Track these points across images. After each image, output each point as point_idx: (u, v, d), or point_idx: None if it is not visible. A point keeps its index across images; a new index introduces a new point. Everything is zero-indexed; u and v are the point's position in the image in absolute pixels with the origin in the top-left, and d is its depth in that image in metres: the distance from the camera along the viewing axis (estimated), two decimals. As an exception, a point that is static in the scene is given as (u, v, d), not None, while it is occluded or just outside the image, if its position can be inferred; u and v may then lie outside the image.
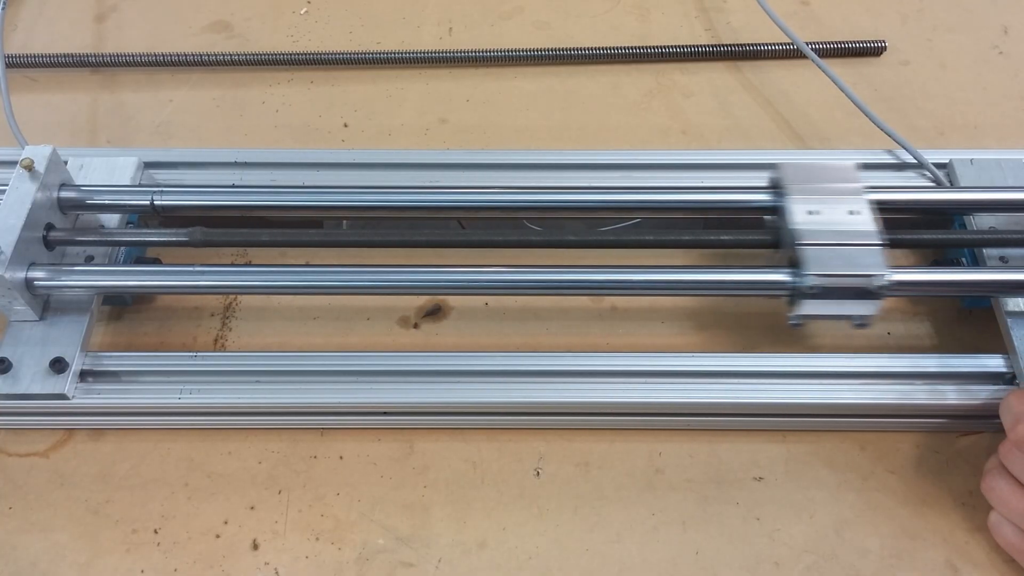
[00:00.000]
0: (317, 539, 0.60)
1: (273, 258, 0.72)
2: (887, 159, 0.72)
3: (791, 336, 0.67)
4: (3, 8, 0.86)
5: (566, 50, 0.86)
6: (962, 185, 0.69)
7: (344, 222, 0.77)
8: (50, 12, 0.91)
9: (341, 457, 0.63)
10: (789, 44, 0.85)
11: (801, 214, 0.60)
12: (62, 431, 0.64)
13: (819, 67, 0.79)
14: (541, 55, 0.85)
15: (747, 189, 0.65)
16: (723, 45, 0.86)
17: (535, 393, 0.61)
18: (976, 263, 0.66)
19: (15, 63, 0.84)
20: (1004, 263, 0.65)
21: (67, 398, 0.60)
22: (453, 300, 0.70)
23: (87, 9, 0.92)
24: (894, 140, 0.73)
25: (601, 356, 0.63)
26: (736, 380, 0.61)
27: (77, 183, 0.67)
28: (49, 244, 0.64)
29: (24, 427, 0.64)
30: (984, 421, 0.63)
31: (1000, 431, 0.56)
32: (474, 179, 0.71)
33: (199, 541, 0.59)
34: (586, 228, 0.72)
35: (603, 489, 0.61)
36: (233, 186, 0.70)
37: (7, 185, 0.62)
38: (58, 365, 0.60)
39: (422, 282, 0.62)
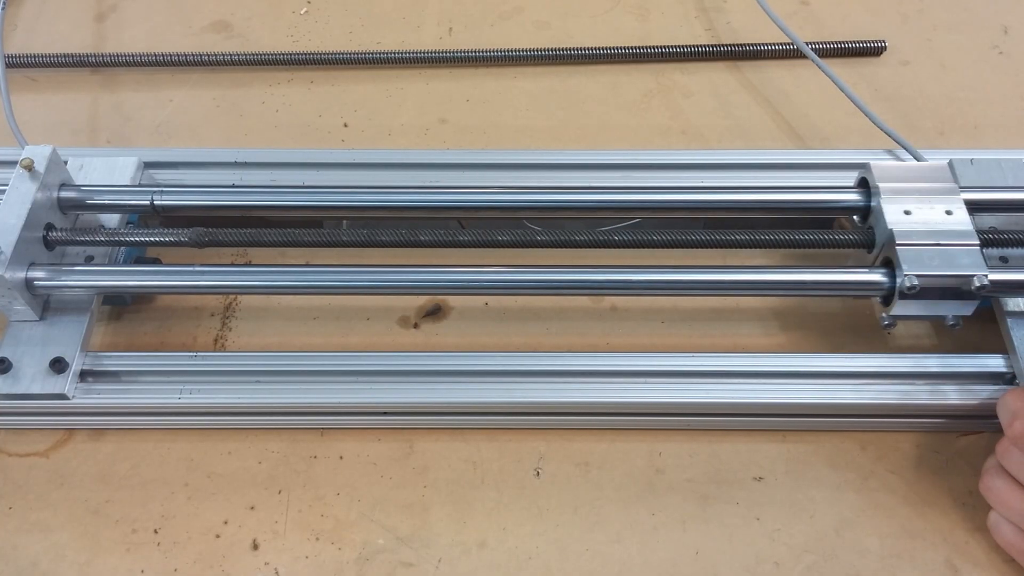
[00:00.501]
0: (317, 539, 0.60)
1: (273, 258, 0.72)
2: (886, 159, 0.72)
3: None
4: (3, 8, 0.86)
5: (566, 50, 0.86)
6: (962, 185, 0.68)
7: (344, 222, 0.77)
8: (50, 12, 0.92)
9: (341, 457, 0.63)
10: (789, 44, 0.85)
11: (896, 214, 0.60)
12: (62, 431, 0.64)
13: (819, 67, 0.79)
14: (541, 55, 0.85)
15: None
16: (723, 45, 0.86)
17: (535, 393, 0.61)
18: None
19: (15, 63, 0.84)
20: (1005, 263, 0.65)
21: (67, 398, 0.60)
22: (453, 300, 0.70)
23: (87, 9, 0.92)
24: (894, 140, 0.73)
25: (601, 356, 0.63)
26: (736, 380, 0.61)
27: (77, 183, 0.67)
28: (49, 244, 0.64)
29: (24, 427, 0.64)
30: (984, 421, 0.62)
31: (999, 431, 0.56)
32: (474, 179, 0.71)
33: (199, 541, 0.59)
34: (586, 228, 0.72)
35: (603, 489, 0.61)
36: (233, 186, 0.70)
37: (7, 185, 0.62)
38: (58, 365, 0.60)
39: (422, 282, 0.62)
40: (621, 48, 0.86)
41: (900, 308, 0.59)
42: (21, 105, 0.77)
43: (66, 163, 0.67)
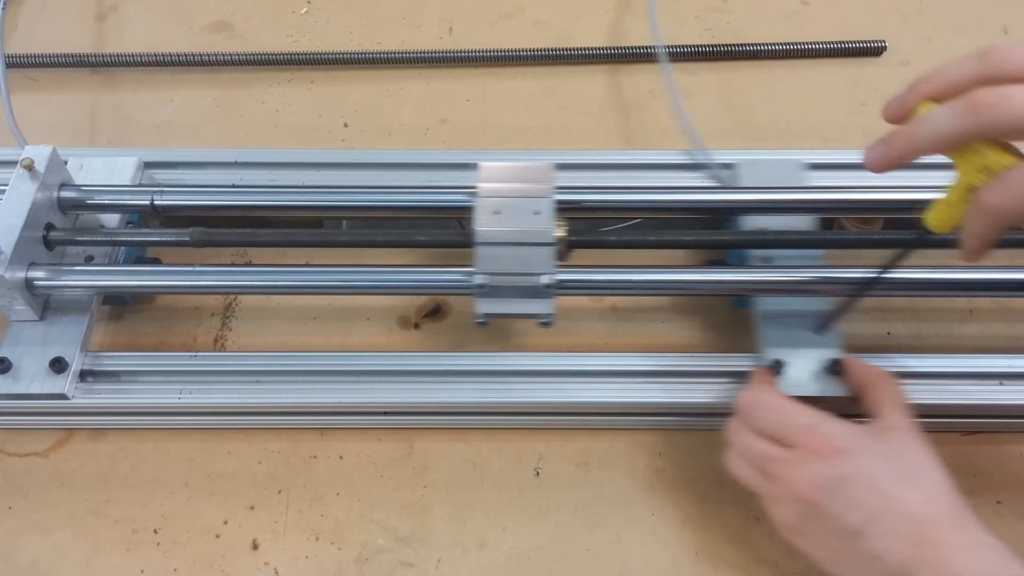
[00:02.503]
0: (317, 539, 0.59)
1: (273, 258, 0.72)
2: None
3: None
4: (3, 8, 0.86)
5: (566, 50, 0.86)
6: (741, 186, 0.69)
7: (344, 222, 0.77)
8: (50, 12, 0.91)
9: (341, 457, 0.63)
10: (789, 44, 0.85)
11: (486, 214, 0.60)
12: (62, 431, 0.64)
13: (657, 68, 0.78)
14: (541, 55, 0.85)
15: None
16: (723, 45, 0.86)
17: (535, 393, 0.61)
18: (744, 263, 0.66)
19: (15, 63, 0.84)
20: (768, 263, 0.65)
21: (67, 398, 0.60)
22: (453, 300, 0.70)
23: (87, 9, 0.92)
24: (692, 139, 0.72)
25: (601, 356, 0.63)
26: (736, 380, 0.61)
27: (77, 183, 0.67)
28: (49, 244, 0.64)
29: (24, 427, 0.64)
30: (984, 421, 0.63)
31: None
32: (474, 179, 0.71)
33: (199, 541, 0.59)
34: (587, 228, 0.72)
35: (603, 489, 0.61)
36: (233, 186, 0.70)
37: (7, 185, 0.62)
38: (58, 365, 0.60)
39: (422, 282, 0.62)
40: (621, 48, 0.86)
41: (484, 306, 0.59)
42: (21, 105, 0.77)
43: (66, 163, 0.67)
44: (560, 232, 0.60)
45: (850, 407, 0.58)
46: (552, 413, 0.63)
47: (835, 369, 0.59)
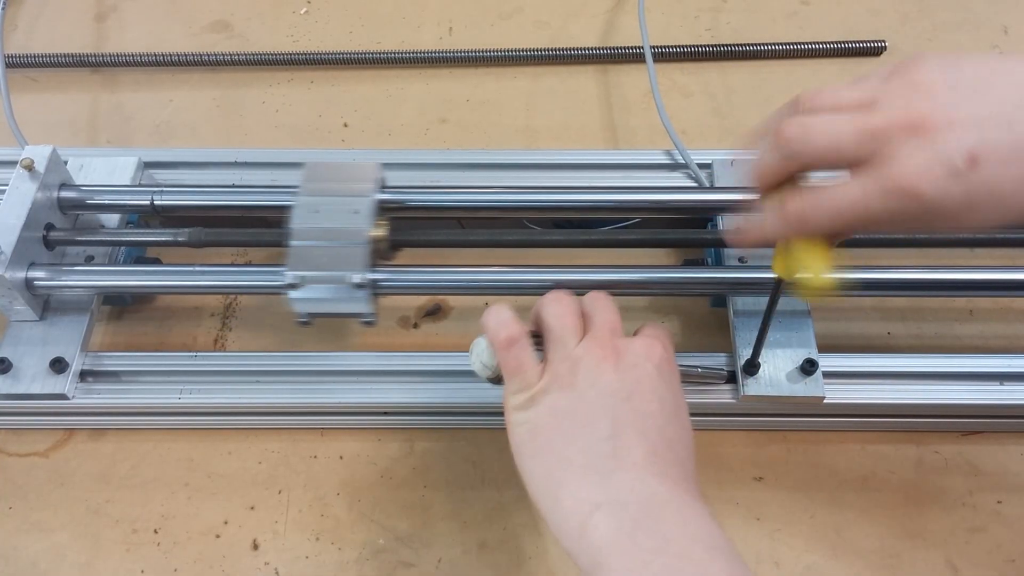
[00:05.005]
0: (317, 539, 0.60)
1: (273, 258, 0.72)
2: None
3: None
4: (3, 8, 0.86)
5: (566, 50, 0.86)
6: (718, 186, 0.69)
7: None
8: (50, 12, 0.91)
9: (341, 457, 0.63)
10: (789, 44, 0.85)
11: (304, 213, 0.60)
12: (62, 431, 0.64)
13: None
14: (541, 55, 0.85)
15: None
16: (723, 45, 0.86)
17: (535, 393, 0.61)
18: (720, 262, 0.66)
19: (15, 63, 0.84)
20: (743, 263, 0.65)
21: (67, 398, 0.60)
22: (453, 300, 0.70)
23: (87, 9, 0.92)
24: (672, 141, 0.72)
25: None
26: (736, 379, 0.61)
27: (77, 183, 0.67)
28: (49, 244, 0.64)
29: (24, 427, 0.64)
30: (984, 421, 0.63)
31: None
32: (474, 179, 0.71)
33: (199, 541, 0.59)
34: (585, 228, 0.72)
35: (603, 489, 0.61)
36: (233, 186, 0.70)
37: (7, 185, 0.62)
38: (58, 365, 0.60)
39: (422, 282, 0.62)
40: (621, 48, 0.86)
41: (299, 304, 0.59)
42: (21, 105, 0.77)
43: (66, 163, 0.67)
44: (378, 232, 0.59)
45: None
46: (552, 413, 0.63)
47: None
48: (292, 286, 0.58)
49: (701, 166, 0.71)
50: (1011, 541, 0.59)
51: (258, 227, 0.67)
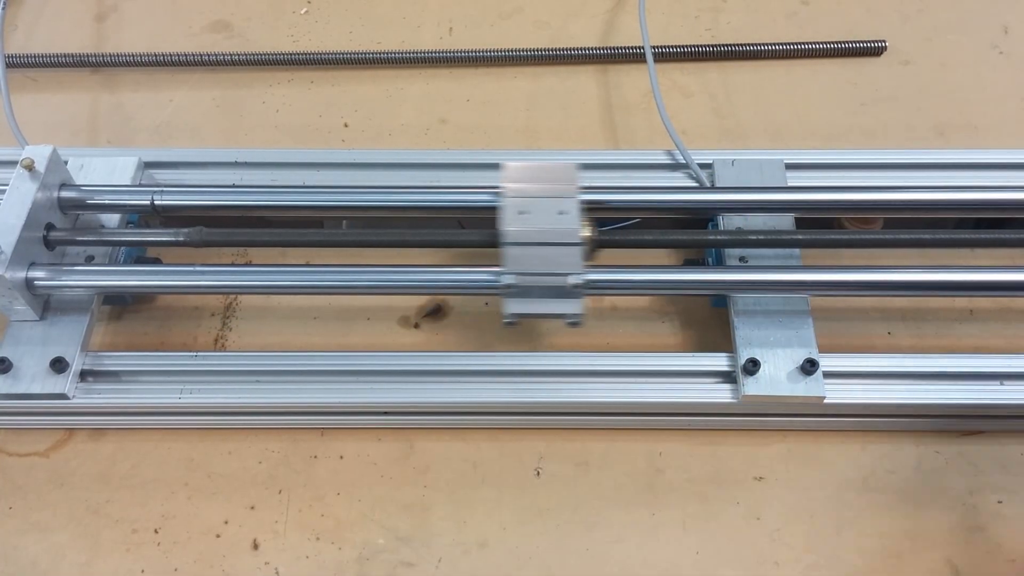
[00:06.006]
0: (317, 539, 0.60)
1: (273, 258, 0.72)
2: (885, 158, 0.72)
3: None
4: (3, 8, 0.86)
5: (566, 50, 0.86)
6: (719, 186, 0.69)
7: (344, 222, 0.77)
8: (50, 12, 0.91)
9: (341, 457, 0.63)
10: (789, 44, 0.85)
11: (512, 215, 0.60)
12: (62, 431, 0.64)
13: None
14: (541, 55, 0.85)
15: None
16: (723, 45, 0.86)
17: (535, 393, 0.61)
18: (721, 262, 0.66)
19: (15, 63, 0.84)
20: (744, 263, 0.65)
21: (67, 398, 0.60)
22: (453, 300, 0.70)
23: (87, 9, 0.92)
24: (673, 141, 0.72)
25: (601, 356, 0.63)
26: (734, 380, 0.61)
27: (77, 183, 0.67)
28: (49, 244, 0.64)
29: (24, 427, 0.64)
30: (984, 421, 0.63)
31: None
32: (474, 179, 0.71)
33: (199, 541, 0.59)
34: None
35: (603, 489, 0.61)
36: (233, 186, 0.70)
37: (7, 185, 0.62)
38: (58, 365, 0.60)
39: (422, 282, 0.62)
40: (621, 48, 0.86)
41: (513, 306, 0.59)
42: (21, 105, 0.77)
43: (66, 163, 0.67)
44: (587, 232, 0.59)
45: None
46: (552, 413, 0.63)
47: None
48: (509, 288, 0.58)
49: (702, 166, 0.71)
50: (1011, 541, 0.59)
51: (258, 227, 0.67)
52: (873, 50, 0.86)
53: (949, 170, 0.70)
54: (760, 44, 0.86)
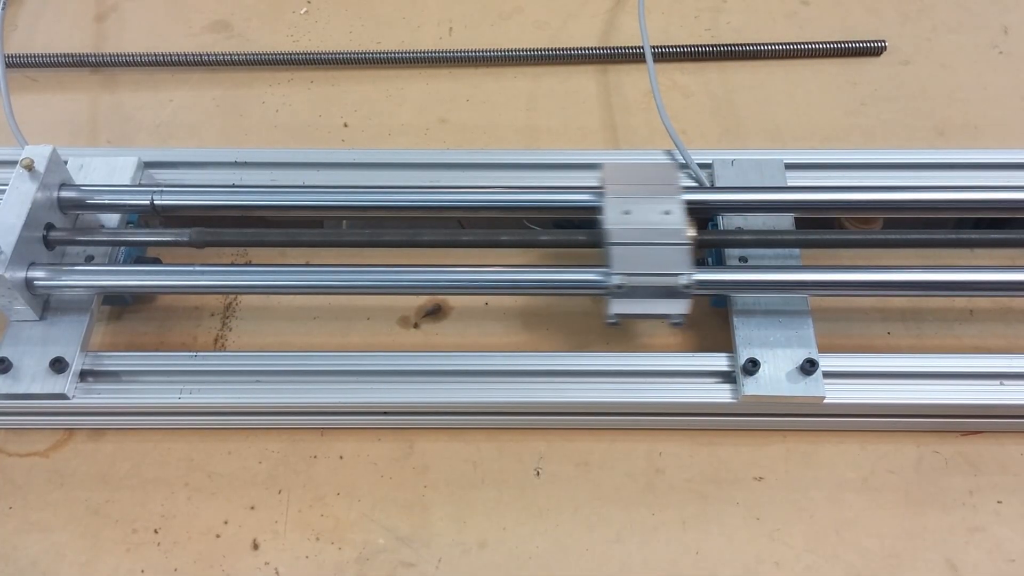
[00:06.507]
0: (317, 539, 0.60)
1: (273, 258, 0.72)
2: (893, 158, 0.72)
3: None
4: (3, 8, 0.86)
5: (566, 50, 0.86)
6: (718, 186, 0.69)
7: (344, 222, 0.77)
8: (50, 12, 0.91)
9: (341, 457, 0.63)
10: (789, 44, 0.85)
11: (616, 214, 0.60)
12: (62, 431, 0.64)
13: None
14: (541, 55, 0.85)
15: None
16: (723, 45, 0.86)
17: (535, 393, 0.61)
18: (721, 263, 0.66)
19: (15, 63, 0.84)
20: (744, 263, 0.65)
21: (67, 398, 0.60)
22: (453, 300, 0.70)
23: (87, 9, 0.92)
24: (672, 141, 0.72)
25: (601, 356, 0.63)
26: (733, 380, 0.61)
27: (77, 183, 0.67)
28: (49, 244, 0.64)
29: (24, 427, 0.64)
30: (984, 421, 0.63)
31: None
32: (474, 179, 0.71)
33: (199, 541, 0.60)
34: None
35: (603, 489, 0.61)
36: (233, 186, 0.70)
37: (7, 185, 0.62)
38: (58, 365, 0.60)
39: (422, 282, 0.62)
40: (621, 48, 0.86)
41: (618, 306, 0.59)
42: (21, 105, 0.77)
43: (66, 163, 0.67)
44: (692, 231, 0.59)
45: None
46: (552, 413, 0.63)
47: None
48: (618, 287, 0.58)
49: (702, 166, 0.71)
50: (1011, 541, 0.59)
51: (258, 227, 0.67)
52: (873, 50, 0.86)
53: (949, 170, 0.70)
54: (760, 44, 0.86)
